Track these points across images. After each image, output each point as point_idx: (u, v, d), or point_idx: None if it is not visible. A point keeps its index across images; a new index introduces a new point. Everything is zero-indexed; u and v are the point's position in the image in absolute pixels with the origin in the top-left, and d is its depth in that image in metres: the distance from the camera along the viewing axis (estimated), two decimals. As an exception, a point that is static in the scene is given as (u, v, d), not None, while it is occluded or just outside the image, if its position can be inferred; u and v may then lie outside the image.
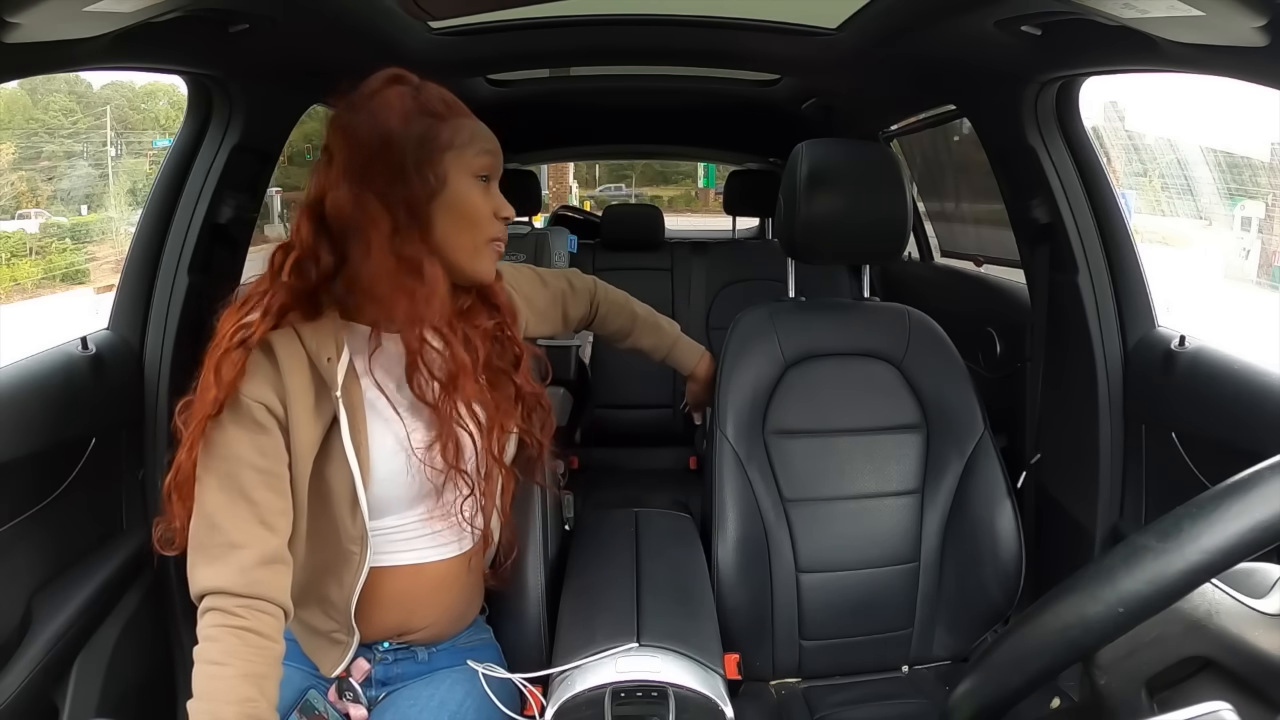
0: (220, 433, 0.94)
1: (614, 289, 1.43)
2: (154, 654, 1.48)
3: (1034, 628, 0.61)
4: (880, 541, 1.42)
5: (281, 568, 0.94)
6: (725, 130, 2.96)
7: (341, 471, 0.99)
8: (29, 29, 0.87)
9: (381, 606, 1.06)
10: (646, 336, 1.44)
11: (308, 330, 0.98)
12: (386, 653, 1.09)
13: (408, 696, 1.07)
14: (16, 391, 1.23)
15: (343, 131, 0.99)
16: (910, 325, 1.48)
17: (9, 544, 1.20)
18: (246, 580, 0.90)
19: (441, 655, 1.11)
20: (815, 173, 1.44)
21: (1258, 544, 0.55)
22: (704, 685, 0.97)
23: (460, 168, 1.01)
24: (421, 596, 1.08)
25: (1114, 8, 1.01)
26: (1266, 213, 2.59)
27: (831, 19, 1.64)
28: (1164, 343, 1.46)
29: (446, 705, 1.04)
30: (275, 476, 0.95)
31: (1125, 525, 1.52)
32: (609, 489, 2.33)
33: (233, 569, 0.90)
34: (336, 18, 1.38)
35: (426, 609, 1.09)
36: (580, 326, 1.41)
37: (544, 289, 1.31)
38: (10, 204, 3.49)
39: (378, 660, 1.09)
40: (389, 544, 1.05)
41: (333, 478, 0.99)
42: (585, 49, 1.92)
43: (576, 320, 1.37)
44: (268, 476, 0.94)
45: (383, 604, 1.06)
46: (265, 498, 0.93)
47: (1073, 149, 1.57)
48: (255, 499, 0.93)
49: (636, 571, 1.20)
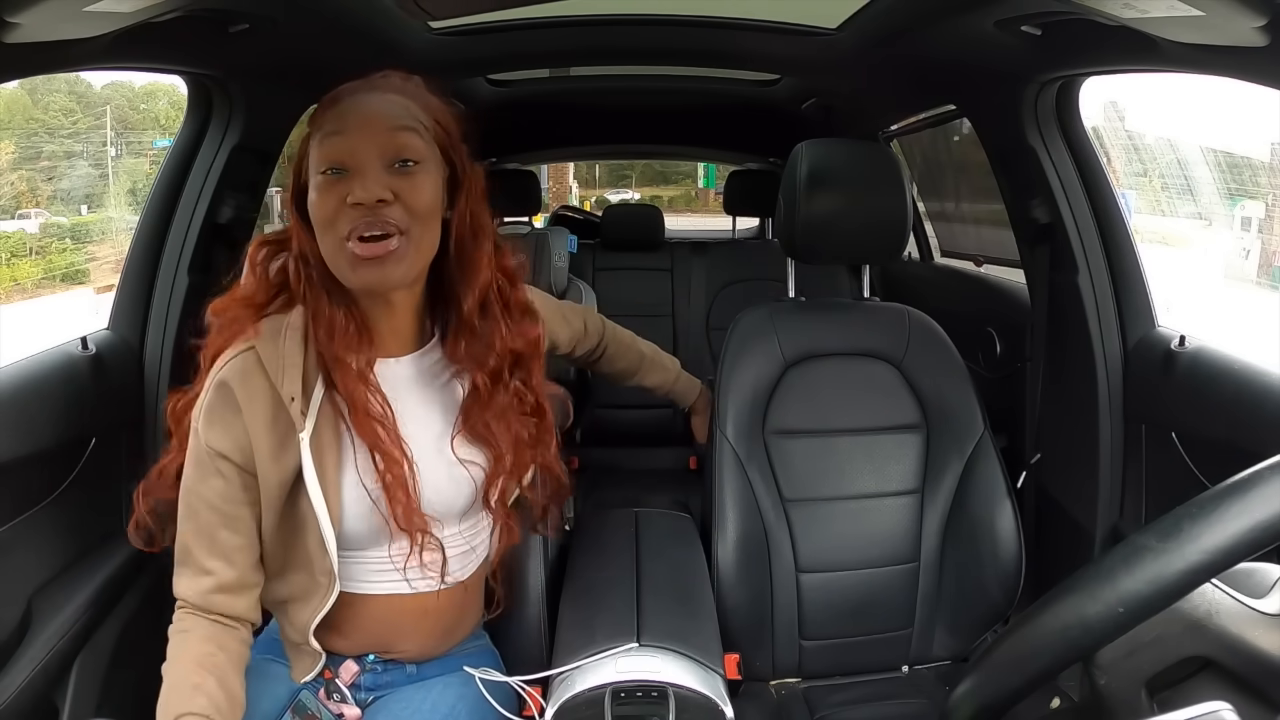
0: (187, 470, 0.95)
1: (621, 328, 1.40)
2: (154, 654, 1.47)
3: (1034, 628, 0.61)
4: (880, 541, 1.42)
5: (243, 592, 0.96)
6: (725, 130, 2.96)
7: (310, 511, 0.95)
8: (29, 29, 0.87)
9: (359, 629, 1.04)
10: (652, 374, 1.44)
11: (274, 360, 0.93)
12: (375, 663, 1.07)
13: (400, 700, 1.05)
14: (16, 391, 1.23)
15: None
16: (910, 325, 1.48)
17: (9, 544, 1.20)
18: (206, 601, 0.95)
19: (432, 665, 1.09)
20: (815, 173, 1.44)
21: (1258, 544, 0.55)
22: (704, 685, 0.97)
23: (314, 163, 0.92)
24: (402, 624, 1.04)
25: (1114, 8, 1.01)
26: (1266, 213, 2.59)
27: (831, 19, 1.65)
28: (1164, 343, 1.46)
29: (439, 708, 1.03)
30: (233, 518, 0.95)
31: (1125, 525, 1.52)
32: (609, 489, 2.33)
33: (196, 589, 0.95)
34: (336, 18, 1.38)
35: (409, 635, 1.05)
36: (581, 365, 1.40)
37: (566, 327, 1.26)
38: (10, 204, 3.49)
39: (366, 670, 1.07)
40: (364, 573, 1.01)
41: (303, 511, 0.96)
42: (585, 49, 1.92)
43: (580, 359, 1.35)
44: (225, 517, 0.95)
45: (360, 627, 1.03)
46: (224, 536, 0.95)
47: (1073, 149, 1.57)
48: (214, 536, 0.95)
49: (636, 571, 1.20)
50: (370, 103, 0.92)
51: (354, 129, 0.90)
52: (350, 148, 0.90)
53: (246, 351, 0.94)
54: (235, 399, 0.93)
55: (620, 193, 10.57)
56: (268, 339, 0.94)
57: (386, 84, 0.96)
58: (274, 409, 0.93)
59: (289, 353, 0.93)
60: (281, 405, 0.93)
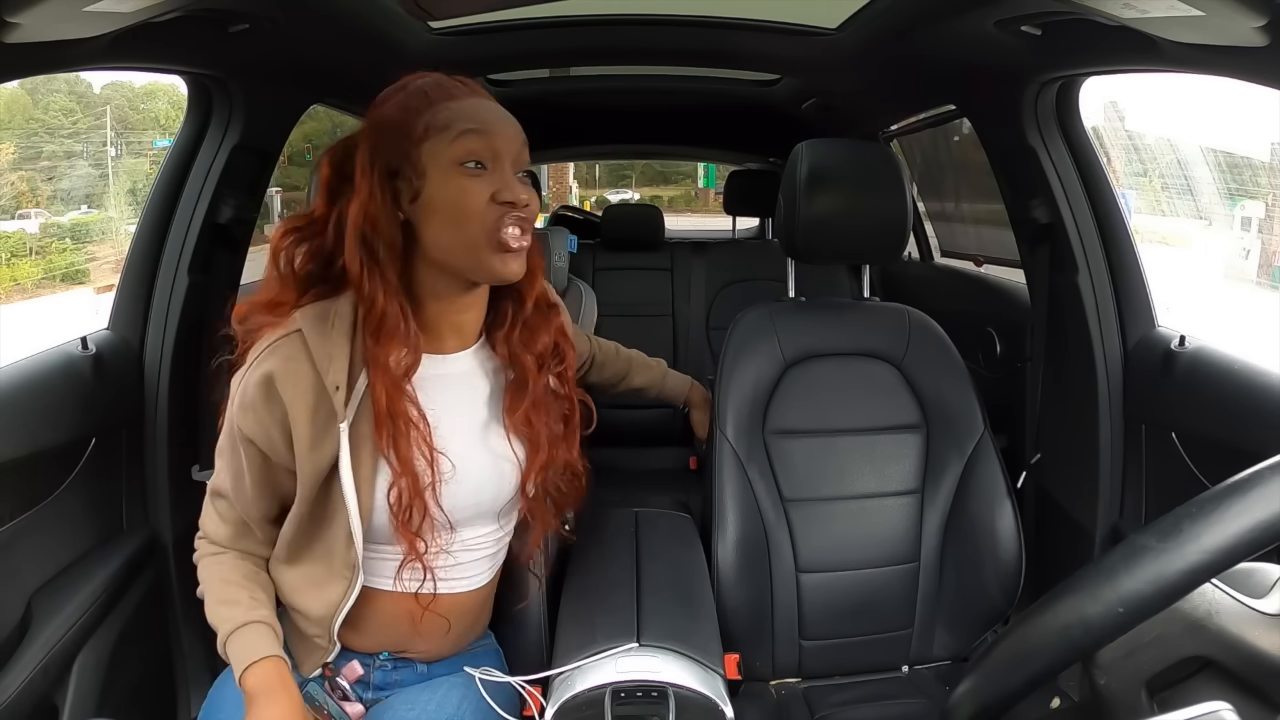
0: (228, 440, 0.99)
1: (603, 340, 1.45)
2: (154, 654, 1.48)
3: (1034, 628, 0.61)
4: (880, 541, 1.42)
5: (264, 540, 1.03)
6: (725, 130, 2.96)
7: (340, 501, 0.96)
8: (29, 29, 0.87)
9: (377, 626, 1.04)
10: (640, 375, 1.47)
11: (320, 347, 0.93)
12: (385, 661, 1.07)
13: (405, 701, 1.05)
14: (16, 391, 1.23)
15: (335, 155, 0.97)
16: (910, 325, 1.48)
17: (9, 544, 1.20)
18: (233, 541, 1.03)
19: (441, 665, 1.10)
20: (815, 173, 1.44)
21: (1258, 544, 0.55)
22: (704, 685, 0.97)
23: (438, 158, 0.92)
24: (421, 624, 1.03)
25: (1114, 8, 1.01)
26: (1266, 213, 2.59)
27: (831, 19, 1.65)
28: (1164, 343, 1.46)
29: (444, 708, 1.04)
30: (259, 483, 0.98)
31: (1125, 525, 1.52)
32: (609, 489, 2.32)
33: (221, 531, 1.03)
34: (336, 18, 1.38)
35: (426, 635, 1.05)
36: None
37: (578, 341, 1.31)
38: (10, 204, 3.49)
39: (376, 667, 1.07)
40: (389, 568, 1.01)
41: (333, 501, 0.97)
42: (585, 49, 1.92)
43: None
44: (257, 487, 0.99)
45: (378, 624, 1.04)
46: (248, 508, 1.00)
47: (1073, 149, 1.57)
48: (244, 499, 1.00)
49: (636, 571, 1.20)
50: (498, 110, 0.97)
51: (493, 132, 0.94)
52: (492, 148, 0.93)
53: (293, 335, 0.94)
54: (277, 391, 0.93)
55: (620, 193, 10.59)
56: (314, 325, 0.94)
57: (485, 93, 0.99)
58: (317, 396, 0.93)
59: (336, 342, 0.93)
60: (324, 392, 0.93)
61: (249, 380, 0.94)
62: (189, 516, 1.45)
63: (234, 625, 0.96)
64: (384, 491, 0.96)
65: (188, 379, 1.53)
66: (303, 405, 0.93)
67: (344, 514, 0.96)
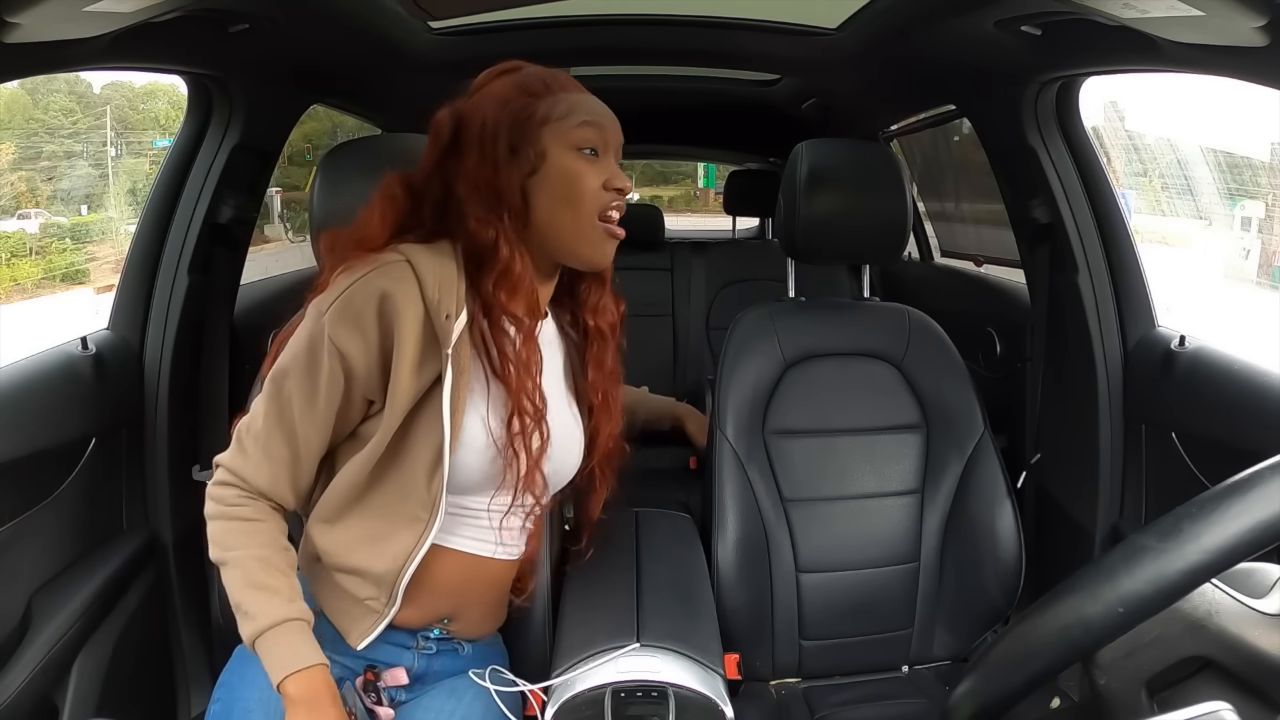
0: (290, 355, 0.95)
1: None
2: (154, 654, 1.48)
3: (1034, 628, 0.61)
4: (880, 541, 1.42)
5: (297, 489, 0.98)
6: (725, 130, 2.96)
7: (430, 431, 0.95)
8: (29, 29, 0.87)
9: (434, 590, 1.02)
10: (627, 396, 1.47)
11: (431, 276, 0.94)
12: (431, 642, 1.05)
13: (426, 708, 1.04)
14: (16, 391, 1.23)
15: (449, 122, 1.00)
16: (910, 325, 1.48)
17: (9, 544, 1.20)
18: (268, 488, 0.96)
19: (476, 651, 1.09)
20: (815, 173, 1.44)
21: (1258, 544, 0.55)
22: (704, 685, 0.97)
23: (559, 141, 0.99)
24: (475, 590, 1.05)
25: (1114, 8, 1.01)
26: (1266, 213, 2.59)
27: (831, 19, 1.65)
28: (1164, 343, 1.46)
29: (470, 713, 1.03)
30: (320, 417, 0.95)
31: (1125, 525, 1.52)
32: (609, 489, 2.32)
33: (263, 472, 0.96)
34: (336, 18, 1.38)
35: (477, 603, 1.07)
36: None
37: None
38: (10, 204, 3.49)
39: (420, 649, 1.05)
40: (459, 524, 1.01)
41: (417, 435, 0.96)
42: (585, 49, 1.92)
43: None
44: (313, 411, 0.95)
45: (436, 588, 1.02)
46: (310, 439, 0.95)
47: (1073, 149, 1.57)
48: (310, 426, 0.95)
49: (637, 571, 1.20)
50: (607, 108, 1.03)
51: (607, 126, 1.02)
52: (604, 140, 1.01)
53: (400, 262, 0.94)
54: (389, 308, 0.92)
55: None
56: (422, 258, 0.95)
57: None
58: (423, 323, 0.94)
59: (447, 276, 0.96)
60: (428, 322, 0.94)
61: (358, 293, 0.93)
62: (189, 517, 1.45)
63: (273, 620, 0.92)
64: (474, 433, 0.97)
65: (188, 379, 1.53)
66: (413, 326, 0.93)
67: (426, 450, 0.95)
